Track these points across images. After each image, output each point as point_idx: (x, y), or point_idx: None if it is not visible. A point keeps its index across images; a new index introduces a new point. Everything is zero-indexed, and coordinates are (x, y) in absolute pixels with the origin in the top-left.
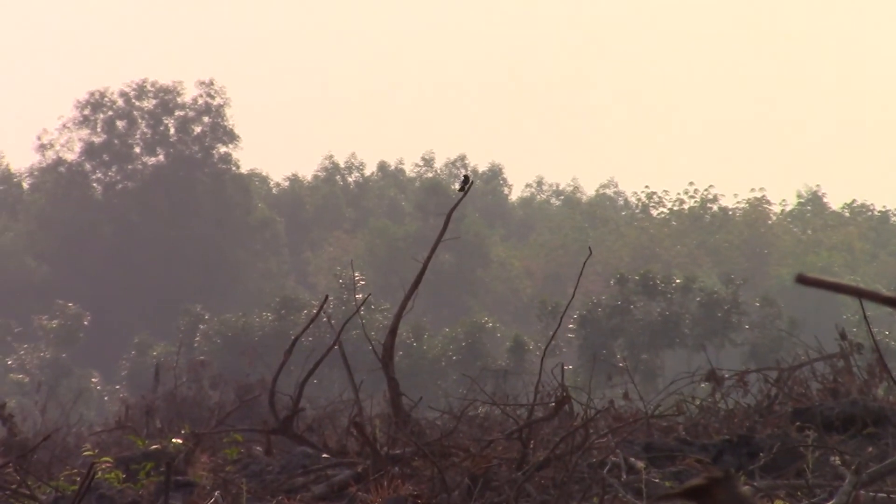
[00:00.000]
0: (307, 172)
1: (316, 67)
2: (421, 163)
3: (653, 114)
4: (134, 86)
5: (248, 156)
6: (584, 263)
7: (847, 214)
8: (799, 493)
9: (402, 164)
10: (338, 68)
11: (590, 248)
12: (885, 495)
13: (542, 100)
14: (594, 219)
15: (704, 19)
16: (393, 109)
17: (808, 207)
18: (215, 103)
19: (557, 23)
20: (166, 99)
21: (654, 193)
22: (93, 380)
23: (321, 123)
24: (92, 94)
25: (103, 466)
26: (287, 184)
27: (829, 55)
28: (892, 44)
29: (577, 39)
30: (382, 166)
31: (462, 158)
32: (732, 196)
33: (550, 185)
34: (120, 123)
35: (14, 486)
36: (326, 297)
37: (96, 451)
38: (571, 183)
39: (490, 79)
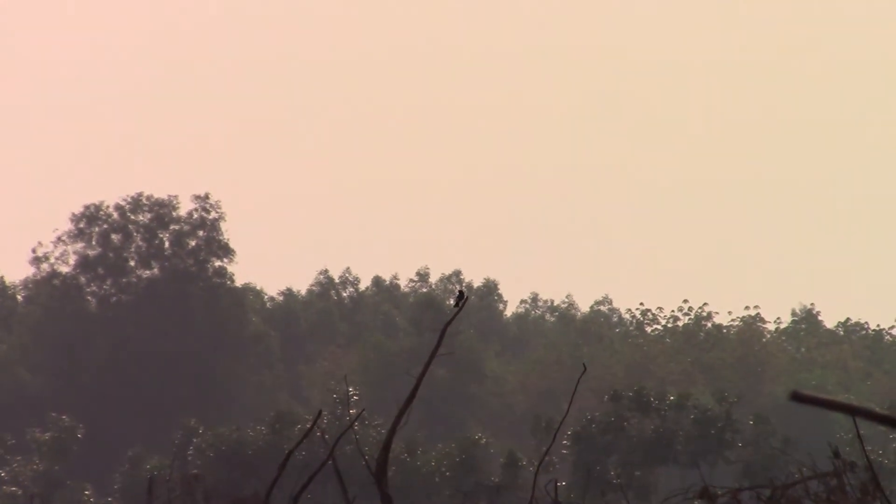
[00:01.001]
0: (302, 286)
1: (311, 182)
2: (416, 278)
3: (648, 231)
4: (129, 199)
5: (243, 269)
6: (579, 380)
7: (841, 333)
8: None
9: (397, 279)
10: (333, 183)
11: (584, 364)
12: None
13: (537, 216)
14: (588, 335)
15: (699, 132)
16: (388, 224)
17: (803, 325)
18: (210, 217)
19: (551, 138)
20: (161, 213)
21: (649, 311)
22: (86, 493)
23: (316, 237)
24: (87, 207)
25: None
26: (281, 298)
27: (822, 172)
28: (886, 167)
29: (572, 157)
30: (377, 281)
31: (457, 274)
32: (727, 314)
33: (545, 302)
34: (115, 237)
35: None
36: (320, 411)
37: None
38: (566, 299)
39: (485, 196)
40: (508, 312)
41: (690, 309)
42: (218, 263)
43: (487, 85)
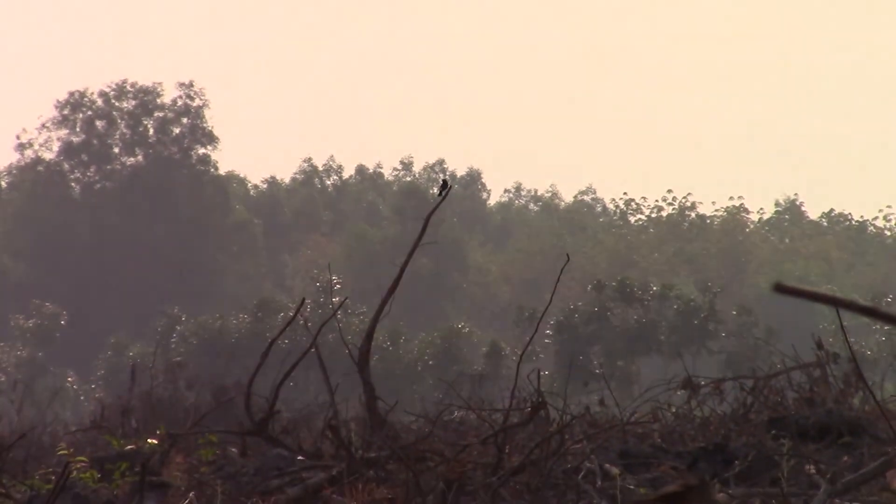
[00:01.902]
0: (285, 175)
1: (295, 70)
2: (399, 167)
3: (632, 121)
4: (113, 86)
5: (227, 157)
6: (562, 270)
7: (825, 224)
8: (774, 502)
9: (381, 167)
10: (317, 71)
11: (567, 254)
12: None
13: (521, 105)
14: (572, 225)
15: (684, 23)
16: (372, 112)
17: (786, 216)
18: (195, 105)
19: (537, 27)
20: (146, 100)
21: (633, 200)
22: (69, 379)
23: (300, 126)
24: (71, 93)
25: (78, 466)
26: (265, 186)
27: (808, 63)
28: (871, 53)
29: (557, 45)
30: (361, 170)
31: (441, 163)
32: (710, 204)
33: (529, 191)
34: (99, 123)
35: None
36: (303, 300)
37: (71, 450)
38: (550, 189)
39: (469, 83)
40: (492, 202)
41: (674, 199)
42: (202, 151)
43: None
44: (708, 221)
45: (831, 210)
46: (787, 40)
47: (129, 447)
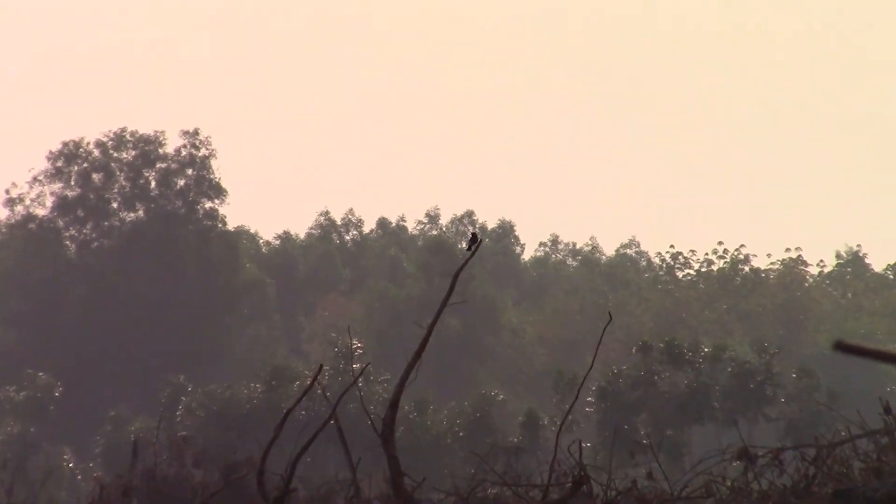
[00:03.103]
0: (300, 230)
1: (310, 116)
2: (425, 219)
3: (678, 168)
4: (112, 135)
5: (236, 212)
6: (604, 330)
7: (891, 276)
8: None
9: (404, 220)
10: (334, 117)
11: (609, 313)
12: None
13: (557, 153)
14: (614, 281)
15: (738, 69)
16: (394, 162)
17: (849, 269)
18: (200, 154)
19: (573, 75)
20: (147, 150)
21: (680, 254)
22: (64, 457)
23: (315, 177)
24: (66, 144)
25: None
26: (278, 242)
27: (870, 108)
28: None
29: (594, 92)
30: (382, 223)
31: (469, 215)
32: (766, 257)
33: (566, 245)
34: (96, 176)
35: None
36: (321, 366)
37: None
38: (589, 242)
39: (501, 129)
40: (526, 256)
41: (726, 251)
42: (209, 205)
43: (500, 18)
44: (763, 276)
45: None
46: (844, 84)
47: None
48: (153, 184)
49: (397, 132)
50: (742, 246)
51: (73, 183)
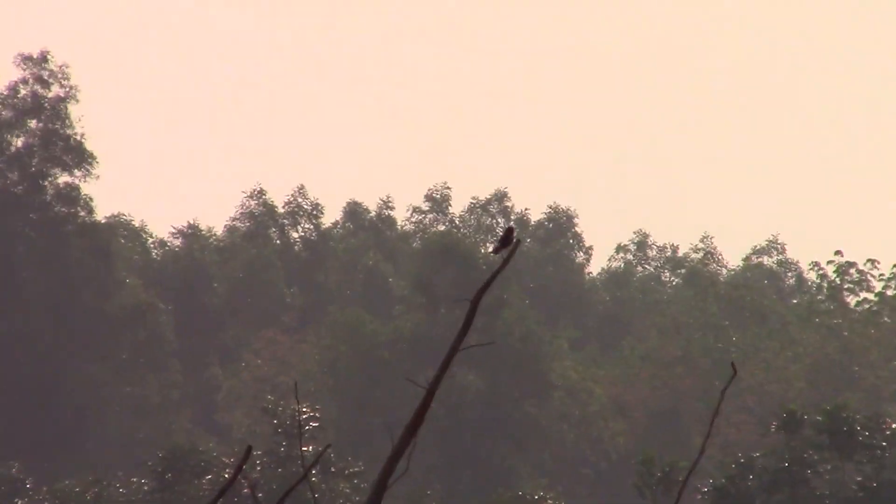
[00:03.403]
0: (215, 221)
1: (228, 45)
2: (425, 205)
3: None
4: None
5: (110, 192)
6: (723, 391)
7: None
8: None
9: (391, 205)
10: (267, 47)
11: (733, 364)
12: None
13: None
14: (739, 310)
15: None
16: (374, 112)
17: None
18: (51, 95)
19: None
20: None
21: (853, 266)
22: None
23: (239, 138)
24: None
25: None
26: (178, 242)
27: None
28: None
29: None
30: (353, 210)
31: (500, 198)
32: None
33: (660, 249)
34: None
35: None
36: (249, 449)
37: None
38: (700, 246)
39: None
40: (594, 268)
41: None
42: (64, 179)
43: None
44: None
45: None
46: None
47: None
48: None
49: (373, 66)
50: None
51: None
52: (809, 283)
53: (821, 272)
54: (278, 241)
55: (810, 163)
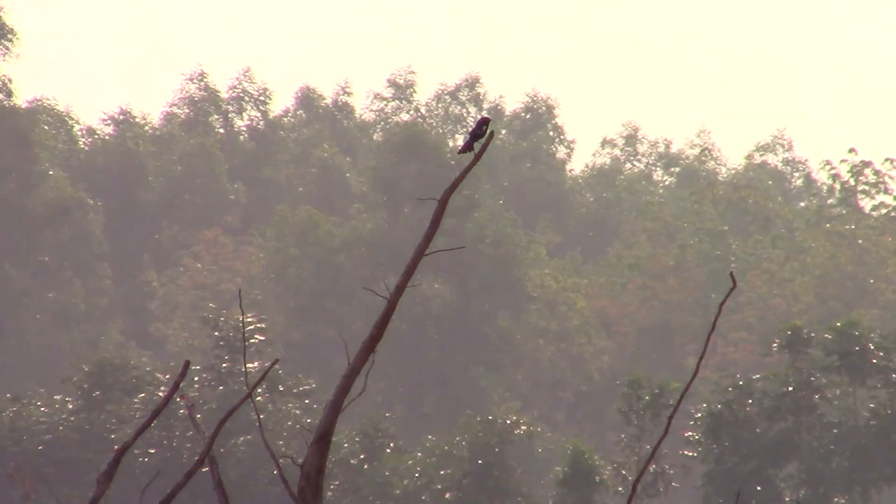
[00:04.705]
0: (151, 107)
1: None
2: (386, 90)
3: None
4: None
5: (31, 74)
6: (721, 305)
7: None
8: None
9: (348, 91)
10: None
11: (732, 274)
12: None
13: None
14: (739, 213)
15: None
16: None
17: None
18: None
19: None
20: None
21: (867, 166)
22: None
23: (179, 7)
24: None
25: None
26: (110, 130)
27: None
28: None
29: None
30: (307, 97)
31: (471, 83)
32: None
33: (652, 145)
34: None
35: None
36: (187, 363)
37: None
38: (697, 142)
39: None
40: (577, 164)
41: None
42: None
43: None
44: None
45: None
46: None
47: None
48: None
49: None
50: None
51: None
52: (819, 185)
53: (832, 172)
54: (221, 131)
55: (821, 47)
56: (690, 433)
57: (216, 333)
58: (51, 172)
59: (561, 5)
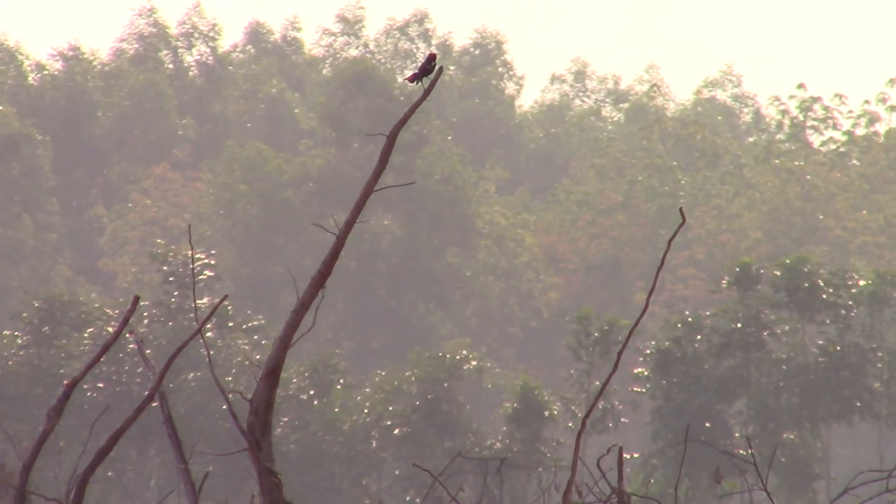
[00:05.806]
0: (100, 43)
1: None
2: (335, 25)
3: None
4: None
5: None
6: (670, 241)
7: None
8: None
9: (297, 25)
10: None
11: (682, 210)
12: None
13: None
14: (688, 149)
15: None
16: None
17: None
18: None
19: None
20: None
21: (817, 101)
22: None
23: None
24: None
25: None
26: (59, 66)
27: None
28: None
29: None
30: (256, 32)
31: (421, 18)
32: None
33: (601, 80)
34: None
35: None
36: (136, 299)
37: None
38: (645, 77)
39: None
40: (526, 101)
41: None
42: None
43: None
44: None
45: None
46: None
47: None
48: None
49: None
50: None
51: None
52: (768, 121)
53: (781, 108)
54: (171, 66)
55: None
56: (640, 369)
57: (165, 269)
58: (0, 108)
59: None
